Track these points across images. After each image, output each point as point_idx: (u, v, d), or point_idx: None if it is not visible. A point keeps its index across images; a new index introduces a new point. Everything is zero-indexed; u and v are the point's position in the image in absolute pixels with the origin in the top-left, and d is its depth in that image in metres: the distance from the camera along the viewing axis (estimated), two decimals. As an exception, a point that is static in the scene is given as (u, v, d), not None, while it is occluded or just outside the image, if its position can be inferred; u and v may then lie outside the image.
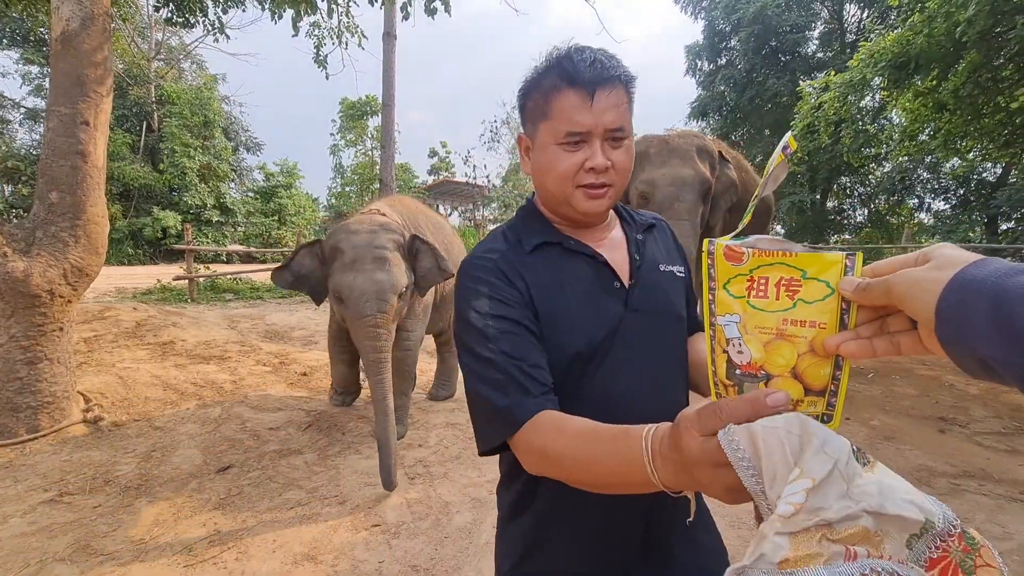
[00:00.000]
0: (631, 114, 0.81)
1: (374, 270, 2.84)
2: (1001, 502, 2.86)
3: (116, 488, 2.65)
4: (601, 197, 0.80)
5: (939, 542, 0.37)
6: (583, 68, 0.76)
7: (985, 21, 3.81)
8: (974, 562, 0.37)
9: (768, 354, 0.45)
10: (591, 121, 0.76)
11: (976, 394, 4.84)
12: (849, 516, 0.36)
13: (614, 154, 0.78)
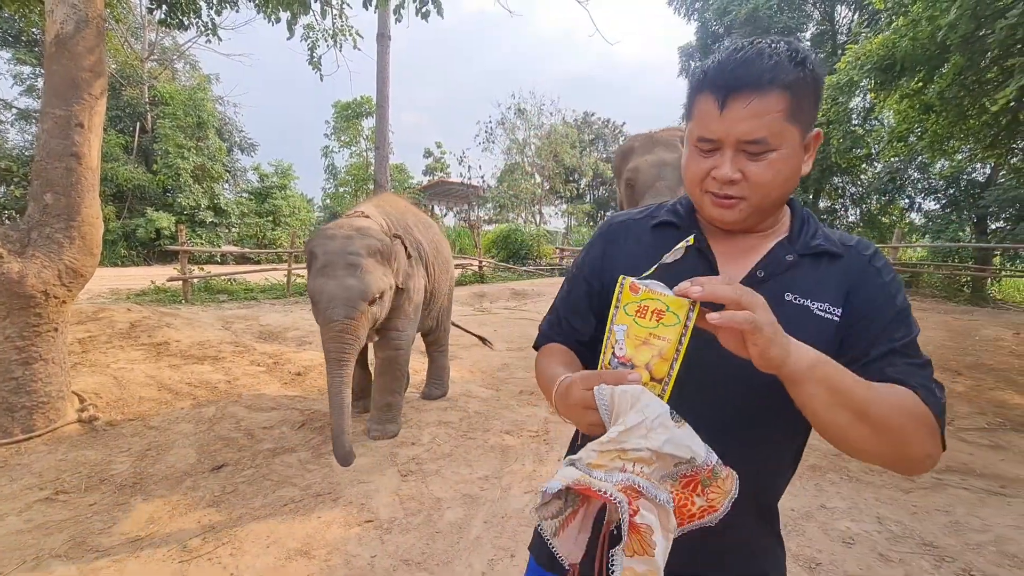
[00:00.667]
0: (803, 120, 0.71)
1: (345, 276, 2.85)
2: (982, 495, 2.93)
3: (111, 486, 2.68)
4: (729, 208, 0.75)
5: (694, 470, 0.61)
6: (726, 69, 0.70)
7: (967, 25, 3.90)
8: (713, 482, 0.61)
9: (636, 352, 0.65)
10: (721, 130, 0.71)
11: (962, 391, 4.92)
12: (636, 448, 0.59)
13: (750, 166, 0.71)
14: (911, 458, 0.65)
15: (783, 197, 0.77)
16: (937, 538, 2.45)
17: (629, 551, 0.57)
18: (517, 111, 28.65)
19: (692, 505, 0.61)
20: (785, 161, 0.71)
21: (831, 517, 2.63)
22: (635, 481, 0.58)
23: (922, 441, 0.64)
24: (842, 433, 0.63)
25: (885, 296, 0.75)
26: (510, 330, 7.24)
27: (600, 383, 0.64)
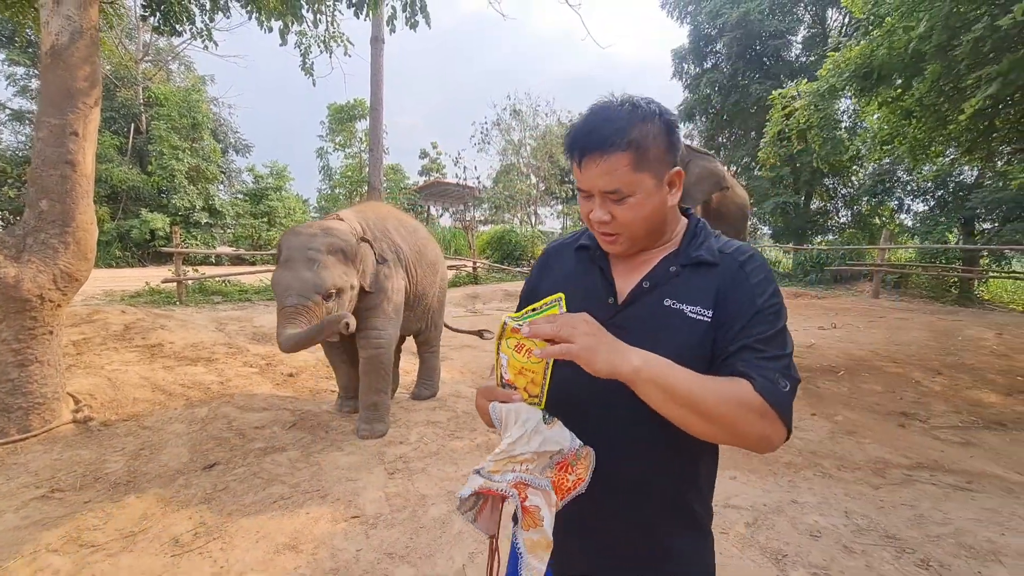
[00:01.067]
0: (650, 164, 0.83)
1: (302, 269, 3.02)
2: (948, 491, 3.04)
3: (105, 484, 2.76)
4: (611, 243, 0.90)
5: (564, 456, 0.81)
6: (579, 137, 0.85)
7: (940, 35, 4.02)
8: (578, 461, 0.81)
9: (516, 378, 0.84)
10: (586, 183, 0.86)
11: (939, 391, 5.05)
12: (521, 453, 0.78)
13: (616, 209, 0.85)
14: (746, 440, 0.76)
15: (654, 227, 0.90)
16: (900, 531, 2.56)
17: (525, 526, 0.79)
18: (512, 112, 28.73)
19: (567, 481, 0.81)
20: (643, 203, 0.85)
21: (801, 512, 2.74)
22: (523, 477, 0.79)
23: (752, 425, 0.75)
24: (679, 421, 0.76)
25: (748, 297, 0.84)
26: (501, 331, 7.33)
27: (494, 400, 0.86)
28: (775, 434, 0.77)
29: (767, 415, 0.75)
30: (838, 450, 3.62)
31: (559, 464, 0.81)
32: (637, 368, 0.74)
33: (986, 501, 2.91)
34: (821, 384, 5.08)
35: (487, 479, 0.78)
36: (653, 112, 0.84)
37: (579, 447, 0.81)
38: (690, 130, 20.81)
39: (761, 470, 3.25)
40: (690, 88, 18.32)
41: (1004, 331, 7.40)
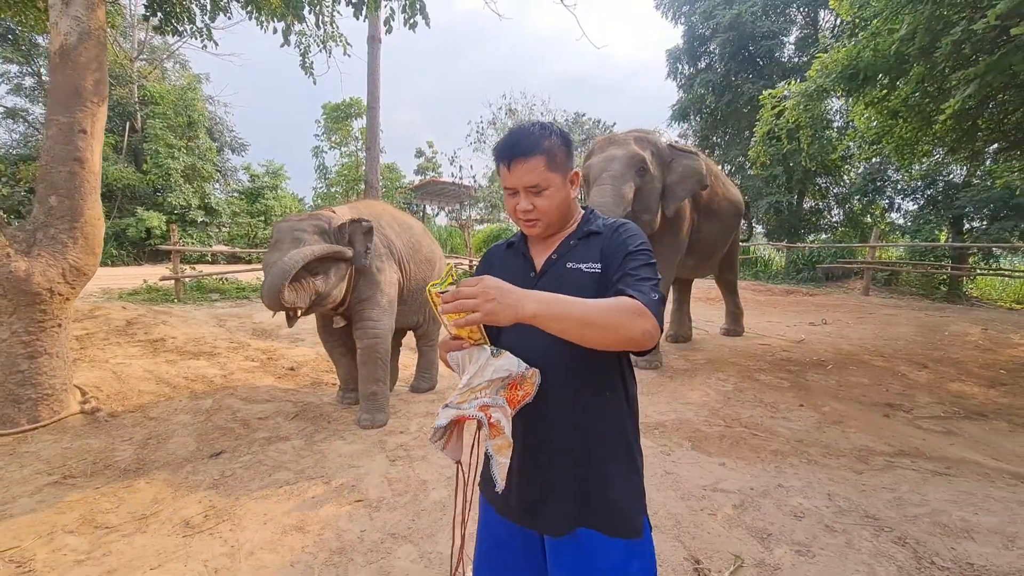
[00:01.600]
0: (558, 166, 1.14)
1: (289, 247, 3.19)
2: (927, 476, 3.17)
3: (116, 471, 2.85)
4: (532, 226, 1.19)
5: (513, 378, 1.00)
6: (505, 148, 1.14)
7: (923, 38, 4.15)
8: (525, 380, 1.01)
9: (458, 332, 1.02)
10: (512, 181, 1.14)
11: (924, 383, 5.19)
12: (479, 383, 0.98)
13: (535, 200, 1.14)
14: (632, 335, 0.96)
15: (563, 214, 1.19)
16: (880, 512, 2.68)
17: (492, 436, 0.98)
18: (508, 111, 28.87)
19: (517, 396, 1.02)
20: (554, 194, 1.15)
21: (786, 495, 2.86)
22: (483, 400, 0.98)
23: (635, 323, 0.96)
24: (581, 338, 0.96)
25: (623, 246, 1.13)
26: (498, 327, 7.44)
27: (450, 350, 1.08)
28: (653, 328, 0.98)
29: (644, 314, 0.97)
30: (824, 438, 3.74)
31: (510, 384, 1.01)
32: (535, 312, 0.93)
33: (962, 485, 3.03)
34: (810, 377, 5.22)
35: (457, 409, 0.98)
36: (555, 130, 1.16)
37: (525, 369, 1.02)
38: (684, 129, 20.98)
39: (749, 457, 3.37)
40: (684, 88, 18.45)
41: (989, 326, 7.58)
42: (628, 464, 1.16)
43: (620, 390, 1.16)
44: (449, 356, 1.08)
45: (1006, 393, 4.88)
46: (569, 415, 1.12)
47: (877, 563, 2.24)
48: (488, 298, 0.93)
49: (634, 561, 1.12)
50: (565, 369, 1.10)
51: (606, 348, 0.99)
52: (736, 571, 2.18)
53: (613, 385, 1.15)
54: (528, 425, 1.10)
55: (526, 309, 0.93)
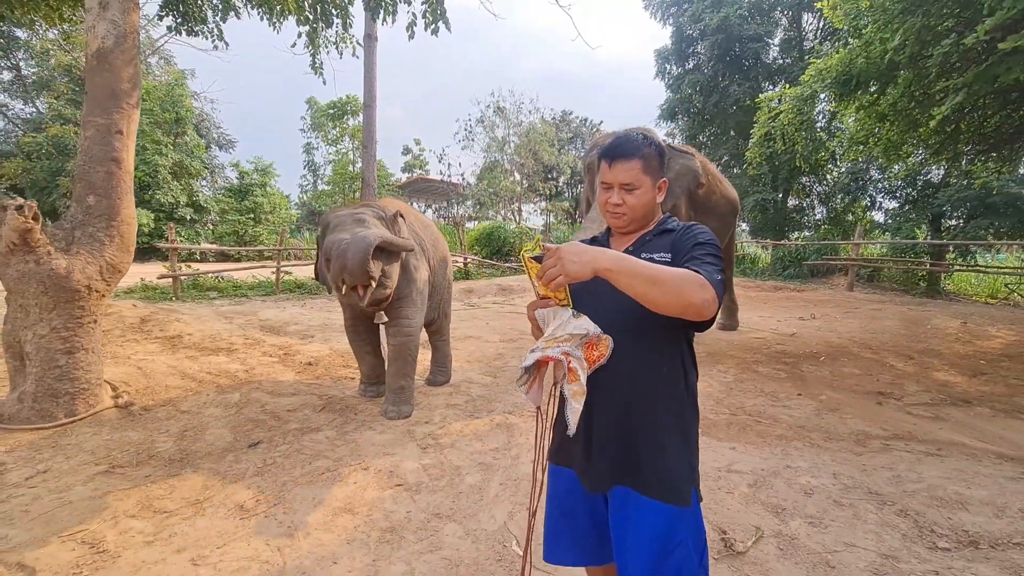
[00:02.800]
0: (651, 172, 1.33)
1: (355, 228, 3.31)
2: (920, 456, 3.42)
3: (160, 461, 2.96)
4: (618, 218, 1.37)
5: (590, 338, 1.16)
6: (610, 148, 1.34)
7: (913, 47, 4.41)
8: (600, 342, 1.17)
9: (546, 293, 1.19)
10: (610, 178, 1.34)
11: (912, 372, 5.49)
12: (561, 335, 1.14)
13: (627, 196, 1.33)
14: (693, 302, 1.07)
15: (647, 213, 1.36)
16: (881, 488, 2.91)
17: (570, 381, 1.13)
18: (496, 109, 28.94)
19: (593, 355, 1.17)
20: (643, 195, 1.33)
21: (795, 474, 3.08)
22: (565, 348, 1.13)
23: (696, 292, 1.07)
24: (645, 296, 1.07)
25: (692, 239, 1.28)
26: (501, 323, 7.61)
27: (538, 308, 1.23)
28: (712, 300, 1.09)
29: (705, 287, 1.08)
30: (823, 424, 3.99)
31: (587, 344, 1.16)
32: (608, 266, 1.07)
33: (953, 463, 3.29)
34: (805, 368, 5.48)
35: (542, 352, 1.14)
36: (653, 143, 1.33)
37: (600, 333, 1.16)
38: (672, 129, 21.33)
39: (757, 442, 3.59)
40: (672, 88, 18.76)
41: (968, 320, 7.96)
42: (681, 436, 1.29)
43: (680, 367, 1.30)
44: (536, 313, 1.23)
45: (986, 382, 5.20)
46: (631, 382, 1.27)
47: (883, 531, 2.47)
48: (570, 260, 1.07)
49: (681, 527, 1.27)
50: (634, 337, 1.24)
51: (668, 311, 1.09)
52: (758, 540, 2.38)
53: (674, 362, 1.29)
54: (595, 386, 1.24)
55: (601, 263, 1.07)
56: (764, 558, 2.26)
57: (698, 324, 1.21)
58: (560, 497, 1.44)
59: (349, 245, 3.15)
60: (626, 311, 1.18)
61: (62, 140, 16.61)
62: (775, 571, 2.17)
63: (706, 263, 1.18)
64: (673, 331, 1.26)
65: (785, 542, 2.38)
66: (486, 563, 2.20)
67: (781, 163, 14.83)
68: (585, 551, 1.46)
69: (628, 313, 1.19)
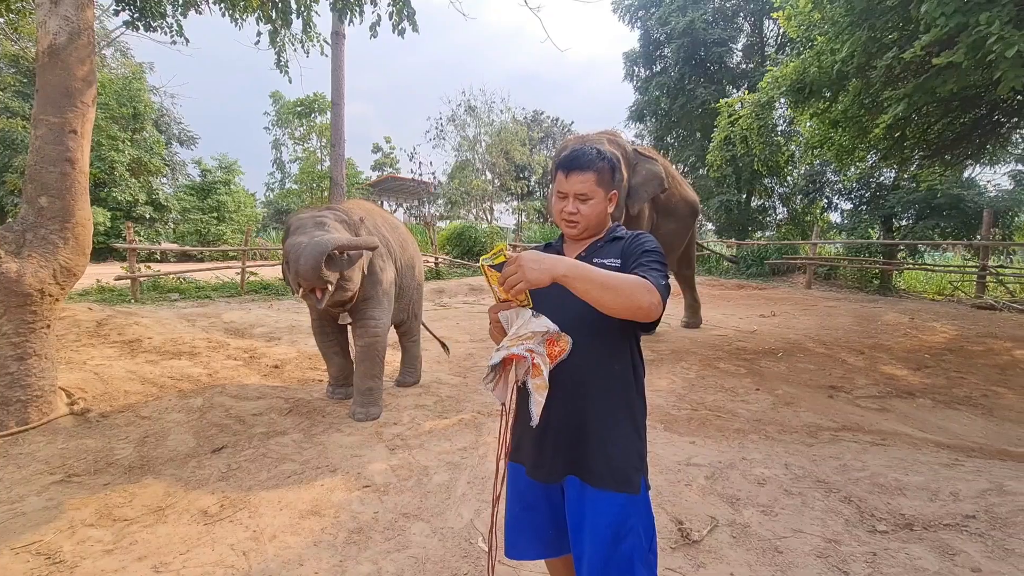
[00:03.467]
0: (604, 184, 1.42)
1: (314, 231, 3.32)
2: (866, 446, 3.63)
3: (119, 469, 2.89)
4: (573, 227, 1.45)
5: (550, 335, 1.23)
6: (566, 160, 1.42)
7: (860, 58, 4.65)
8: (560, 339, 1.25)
9: (507, 297, 1.25)
10: (567, 188, 1.42)
11: (861, 367, 5.78)
12: (525, 334, 1.21)
13: (581, 206, 1.42)
14: (641, 306, 1.17)
15: (600, 222, 1.45)
16: (828, 476, 3.08)
17: (533, 376, 1.20)
18: (467, 108, 28.88)
19: (554, 351, 1.25)
20: (596, 205, 1.42)
21: (750, 466, 3.23)
22: (529, 345, 1.20)
23: (644, 296, 1.17)
24: (599, 300, 1.16)
25: (638, 247, 1.38)
26: (471, 323, 7.64)
27: (499, 310, 1.31)
28: (658, 303, 1.20)
29: (652, 291, 1.19)
30: (778, 418, 4.17)
31: (548, 340, 1.24)
32: (565, 272, 1.15)
33: (895, 452, 3.50)
34: (763, 364, 5.71)
35: (507, 350, 1.21)
36: (607, 157, 1.44)
37: (557, 330, 1.25)
38: (640, 130, 21.73)
39: (716, 436, 3.74)
40: (640, 90, 19.11)
41: (916, 316, 8.40)
42: (632, 428, 1.38)
43: (629, 364, 1.40)
44: (500, 315, 1.31)
45: (929, 375, 5.52)
46: (585, 378, 1.35)
47: (828, 517, 2.62)
48: (530, 268, 1.14)
49: (632, 514, 1.36)
50: (588, 337, 1.32)
51: (618, 313, 1.18)
52: (713, 530, 2.50)
53: (624, 359, 1.39)
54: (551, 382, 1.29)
55: (558, 270, 1.14)
56: (718, 546, 2.37)
57: (645, 325, 1.29)
58: (521, 491, 1.51)
59: (303, 249, 3.17)
60: (583, 313, 1.25)
61: (9, 134, 15.81)
62: (728, 558, 2.29)
63: (653, 269, 1.28)
64: (623, 331, 1.36)
65: (738, 530, 2.51)
66: (452, 560, 2.25)
67: (744, 165, 15.30)
68: (545, 544, 1.53)
69: (583, 315, 1.26)
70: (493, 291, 1.28)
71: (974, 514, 2.62)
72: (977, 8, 3.08)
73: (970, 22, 3.08)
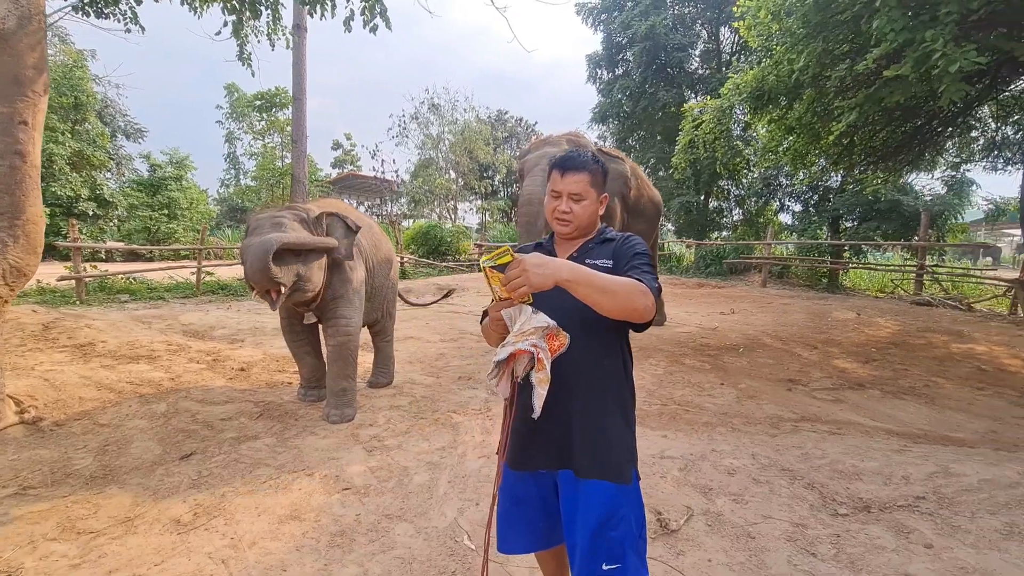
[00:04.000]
0: (597, 186, 1.48)
1: (270, 231, 3.23)
2: (824, 435, 3.84)
3: (80, 479, 2.75)
4: (564, 225, 1.49)
5: (550, 330, 1.27)
6: (563, 160, 1.47)
7: (815, 68, 4.90)
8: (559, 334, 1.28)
9: (509, 295, 1.24)
10: (561, 187, 1.47)
11: (815, 361, 6.09)
12: (528, 329, 1.26)
13: (574, 206, 1.47)
14: (636, 308, 1.23)
15: (591, 222, 1.50)
16: (792, 465, 3.25)
17: (537, 370, 1.25)
18: (431, 106, 28.65)
19: (554, 346, 1.28)
20: (588, 206, 1.47)
21: (719, 457, 3.36)
22: (533, 341, 1.25)
23: (639, 299, 1.24)
24: (598, 303, 1.22)
25: (629, 249, 1.45)
26: (440, 323, 7.60)
27: (501, 308, 1.32)
28: (652, 305, 1.27)
29: (647, 294, 1.26)
30: (743, 410, 4.36)
31: (548, 335, 1.28)
32: (568, 277, 1.20)
33: (851, 440, 3.72)
34: (726, 359, 5.94)
35: (513, 346, 1.25)
36: (600, 161, 1.50)
37: (556, 325, 1.29)
38: (603, 132, 22.10)
39: (686, 429, 3.87)
40: (603, 92, 19.42)
41: (862, 312, 8.92)
42: (622, 421, 1.44)
43: (621, 360, 1.46)
44: (503, 312, 1.34)
45: (877, 367, 5.88)
46: (580, 373, 1.40)
47: (794, 503, 2.77)
48: (534, 272, 1.18)
49: (623, 503, 1.42)
50: (584, 335, 1.37)
51: (615, 315, 1.24)
52: (689, 519, 2.60)
53: (616, 356, 1.45)
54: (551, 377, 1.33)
55: (561, 274, 1.19)
56: (695, 534, 2.47)
57: (637, 324, 1.36)
58: (511, 486, 1.54)
59: (250, 250, 3.09)
60: (580, 313, 1.30)
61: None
62: (705, 545, 2.39)
63: (645, 272, 1.35)
64: (617, 330, 1.42)
65: (712, 519, 2.62)
66: (439, 559, 2.25)
67: (702, 167, 15.80)
68: (536, 536, 1.57)
69: (581, 314, 1.31)
70: (493, 291, 1.30)
71: (924, 495, 2.83)
72: (922, 26, 3.32)
73: (916, 38, 3.32)
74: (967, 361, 6.25)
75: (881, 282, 13.28)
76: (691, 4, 17.78)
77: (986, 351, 6.73)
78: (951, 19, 3.21)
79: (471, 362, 5.55)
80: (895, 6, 3.39)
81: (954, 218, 13.09)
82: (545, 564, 1.71)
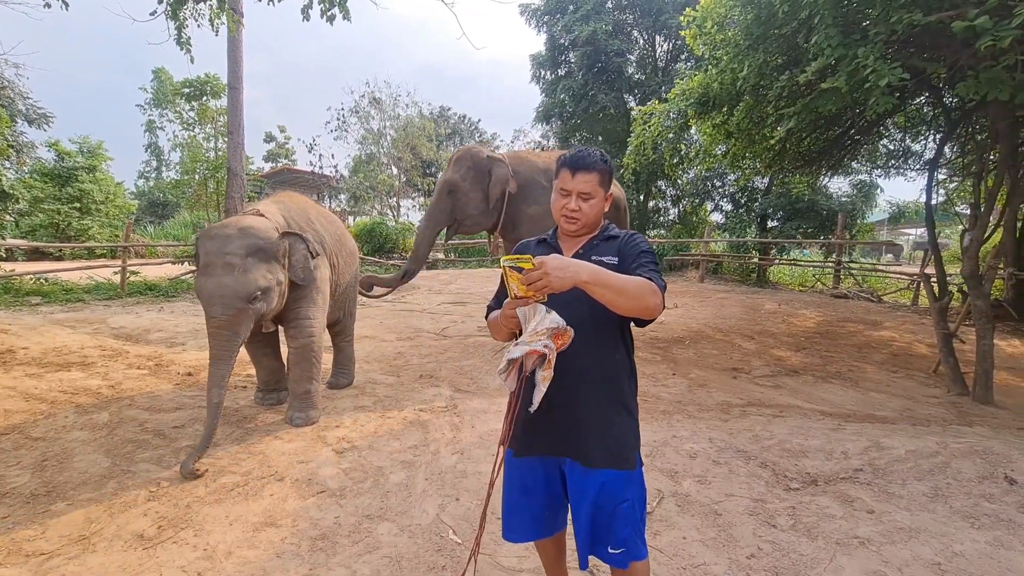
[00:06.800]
0: (604, 185, 1.52)
1: (222, 275, 3.01)
2: (769, 418, 4.15)
3: (19, 499, 2.51)
4: (573, 223, 1.54)
5: (558, 329, 1.30)
6: (574, 159, 1.50)
7: (755, 78, 5.25)
8: (565, 332, 1.31)
9: (525, 293, 1.27)
10: (571, 186, 1.51)
11: (754, 351, 6.54)
12: (541, 329, 1.30)
13: (583, 204, 1.51)
14: (648, 306, 1.30)
15: (597, 220, 1.56)
16: (745, 446, 3.50)
17: (544, 369, 1.31)
18: (372, 100, 27.90)
19: (559, 343, 1.31)
20: (596, 204, 1.52)
21: (680, 443, 3.56)
22: (545, 342, 1.29)
23: (651, 297, 1.30)
24: (615, 303, 1.28)
25: (635, 247, 1.50)
26: (396, 322, 7.48)
27: (517, 306, 1.35)
28: (661, 303, 1.34)
29: (657, 293, 1.33)
30: (695, 398, 4.62)
31: (556, 334, 1.31)
32: (587, 278, 1.25)
33: (793, 422, 4.05)
34: (675, 351, 6.25)
35: (528, 345, 1.29)
36: (608, 161, 1.54)
37: (565, 325, 1.32)
38: (546, 131, 22.41)
39: (647, 418, 4.05)
40: (547, 92, 19.69)
41: (789, 305, 9.64)
42: (625, 411, 1.52)
43: (626, 353, 1.54)
44: (518, 310, 1.37)
45: (807, 355, 6.40)
46: (588, 365, 1.46)
47: (752, 481, 2.99)
48: (556, 275, 1.22)
49: (629, 487, 1.51)
50: (594, 331, 1.44)
51: (628, 313, 1.31)
52: (661, 501, 2.75)
53: (622, 349, 1.52)
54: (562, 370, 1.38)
55: (581, 276, 1.23)
56: (667, 515, 2.62)
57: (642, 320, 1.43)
58: (521, 477, 1.59)
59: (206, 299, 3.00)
60: (592, 309, 1.36)
61: None
62: (678, 524, 2.53)
63: (652, 271, 1.41)
64: (623, 325, 1.50)
65: (681, 500, 2.78)
66: (427, 555, 2.25)
67: (642, 167, 16.41)
68: (540, 525, 1.63)
69: (593, 311, 1.37)
70: (510, 288, 1.32)
71: (862, 467, 3.14)
72: (855, 43, 3.67)
73: (849, 54, 3.66)
74: (882, 347, 6.95)
75: (803, 277, 14.38)
76: (629, 12, 18.39)
77: (897, 338, 7.49)
78: (879, 38, 3.57)
79: (430, 360, 5.52)
80: (831, 24, 3.72)
81: (861, 218, 14.42)
82: (545, 551, 1.77)
